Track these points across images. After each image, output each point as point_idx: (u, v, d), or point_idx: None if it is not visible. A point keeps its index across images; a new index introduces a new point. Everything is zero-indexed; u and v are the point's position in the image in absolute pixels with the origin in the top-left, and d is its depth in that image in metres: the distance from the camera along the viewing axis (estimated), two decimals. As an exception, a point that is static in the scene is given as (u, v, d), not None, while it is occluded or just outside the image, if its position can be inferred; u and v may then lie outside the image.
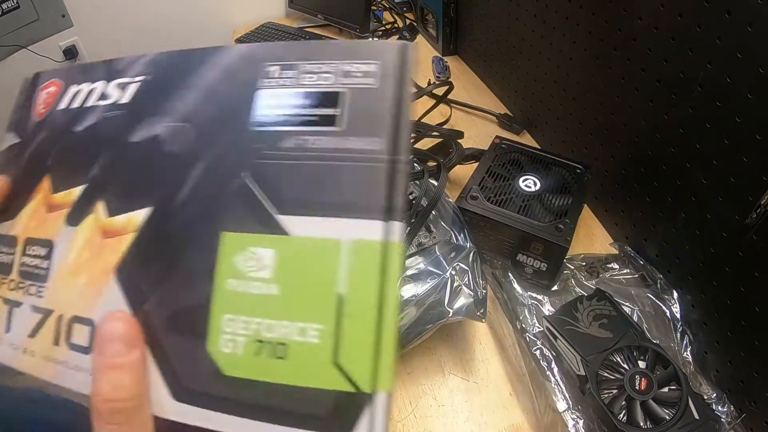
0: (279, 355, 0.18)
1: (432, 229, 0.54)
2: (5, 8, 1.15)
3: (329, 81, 0.20)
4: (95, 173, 0.22)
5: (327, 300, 0.18)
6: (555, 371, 0.50)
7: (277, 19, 1.44)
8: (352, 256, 0.18)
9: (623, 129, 0.60)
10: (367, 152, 0.19)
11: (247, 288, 0.18)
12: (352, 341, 0.17)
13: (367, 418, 0.17)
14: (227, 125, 0.20)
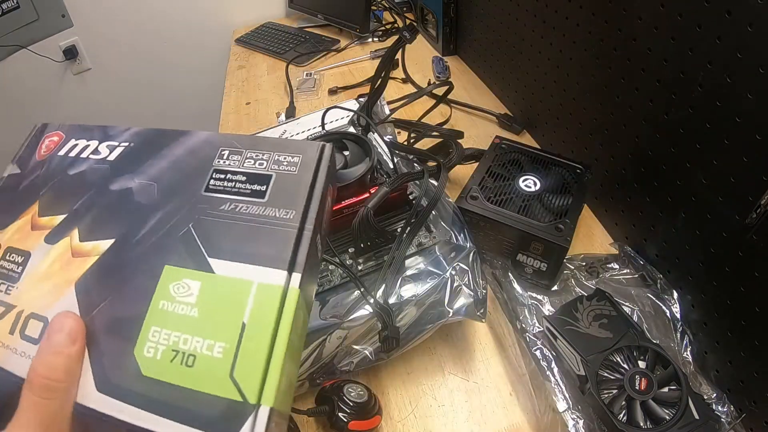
0: (188, 364, 0.22)
1: (432, 229, 0.54)
2: (5, 8, 1.15)
3: (263, 166, 0.27)
4: (77, 207, 0.28)
5: (233, 325, 0.22)
6: (555, 371, 0.50)
7: (277, 19, 1.44)
8: (259, 294, 0.23)
9: (623, 129, 0.60)
10: (282, 219, 0.25)
11: (174, 308, 0.23)
12: (247, 361, 0.21)
13: (250, 425, 0.20)
14: (184, 188, 0.27)
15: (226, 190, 0.26)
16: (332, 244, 0.49)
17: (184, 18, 1.39)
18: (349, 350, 0.50)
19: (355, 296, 0.49)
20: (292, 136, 0.65)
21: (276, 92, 1.11)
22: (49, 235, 0.27)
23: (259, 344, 0.22)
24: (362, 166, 0.53)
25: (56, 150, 0.30)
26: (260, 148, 0.28)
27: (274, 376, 0.21)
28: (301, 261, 0.24)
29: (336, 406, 0.47)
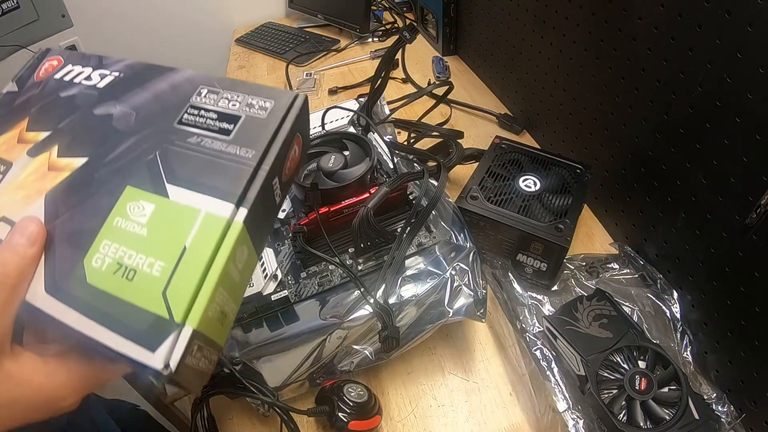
0: (129, 278, 0.24)
1: (432, 229, 0.54)
2: (5, 8, 1.15)
3: (236, 107, 0.28)
4: (61, 126, 0.30)
5: (175, 248, 0.24)
6: (555, 371, 0.50)
7: (277, 19, 1.44)
8: (204, 223, 0.24)
9: (623, 129, 0.60)
10: (241, 158, 0.26)
11: (126, 226, 0.25)
12: (180, 282, 0.23)
13: (171, 341, 0.22)
14: (159, 119, 0.29)
15: (197, 124, 0.28)
16: (332, 244, 0.49)
17: (184, 18, 1.39)
18: (349, 350, 0.50)
19: (355, 296, 0.49)
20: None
21: (276, 92, 1.11)
22: (31, 148, 0.29)
23: (194, 268, 0.23)
24: (362, 166, 0.53)
25: (53, 73, 0.33)
26: (237, 90, 0.29)
27: (202, 301, 0.23)
28: (250, 197, 0.25)
29: (336, 406, 0.47)
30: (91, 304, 0.23)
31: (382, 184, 0.50)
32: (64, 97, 0.31)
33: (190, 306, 0.23)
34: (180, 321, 0.22)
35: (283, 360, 0.47)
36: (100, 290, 0.24)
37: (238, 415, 0.54)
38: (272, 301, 0.48)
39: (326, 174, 0.53)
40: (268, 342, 0.46)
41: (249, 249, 0.26)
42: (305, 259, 0.52)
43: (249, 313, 0.48)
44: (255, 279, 0.50)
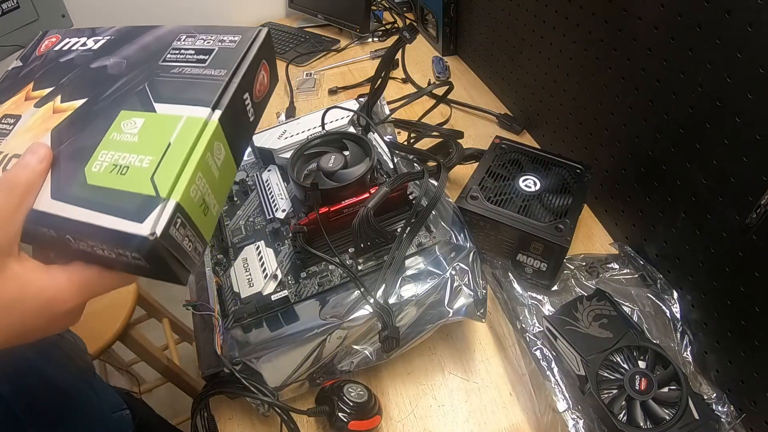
0: (122, 173, 0.28)
1: (432, 229, 0.54)
2: (5, 8, 1.14)
3: (210, 43, 0.34)
4: (62, 82, 0.35)
5: (161, 144, 0.28)
6: (555, 371, 0.50)
7: (277, 19, 1.44)
8: (186, 124, 0.29)
9: (623, 129, 0.60)
10: (215, 76, 0.32)
11: (121, 138, 0.29)
12: (165, 168, 0.27)
13: (157, 212, 0.26)
14: (147, 61, 0.34)
15: (178, 60, 0.34)
16: (332, 244, 0.49)
17: (184, 18, 1.39)
18: (349, 350, 0.50)
19: (355, 296, 0.49)
20: (292, 135, 0.65)
21: (276, 92, 1.10)
22: (38, 102, 0.34)
23: (178, 155, 0.28)
24: (362, 166, 0.53)
25: (53, 47, 0.38)
26: (211, 33, 0.35)
27: (184, 180, 0.27)
28: (224, 103, 0.30)
29: (336, 406, 0.47)
30: (90, 199, 0.27)
31: (382, 184, 0.50)
32: (63, 62, 0.36)
33: (174, 184, 0.27)
34: (165, 196, 0.26)
35: (283, 360, 0.47)
36: (98, 187, 0.28)
37: (238, 415, 0.54)
38: (272, 301, 0.48)
39: (326, 174, 0.53)
40: (268, 342, 0.46)
41: (225, 149, 0.31)
42: (305, 259, 0.52)
43: (249, 313, 0.48)
44: (255, 279, 0.50)
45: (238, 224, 0.59)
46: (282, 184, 0.61)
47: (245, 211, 0.60)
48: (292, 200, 0.58)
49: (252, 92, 0.34)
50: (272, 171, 0.64)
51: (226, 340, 0.47)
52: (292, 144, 0.64)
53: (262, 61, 0.35)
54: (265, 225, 0.58)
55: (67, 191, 0.28)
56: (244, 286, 0.49)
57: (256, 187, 0.63)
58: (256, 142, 0.65)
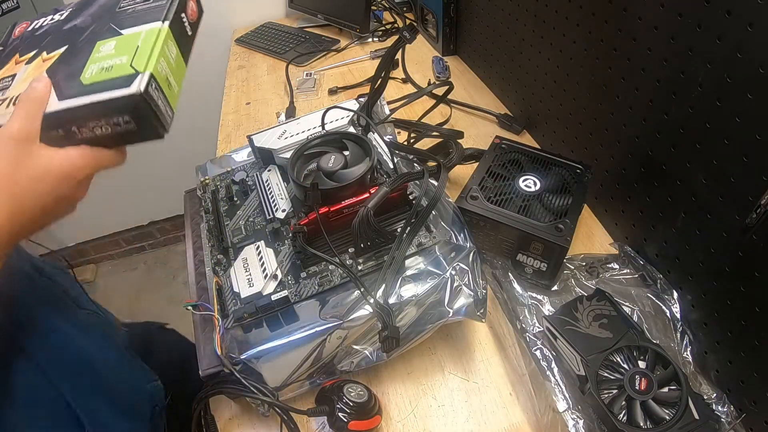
0: (108, 70, 0.38)
1: (432, 229, 0.54)
2: (5, 8, 1.14)
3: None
4: (43, 44, 0.44)
5: (132, 48, 0.39)
6: (555, 371, 0.50)
7: (277, 19, 1.44)
8: (146, 33, 0.40)
9: (623, 129, 0.60)
10: (159, 4, 0.42)
11: (101, 55, 0.40)
12: (139, 57, 0.38)
13: (139, 79, 0.37)
14: (107, 12, 0.44)
15: (129, 4, 0.44)
16: (332, 244, 0.49)
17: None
18: (349, 350, 0.50)
19: (355, 296, 0.49)
20: (292, 135, 0.65)
21: (276, 92, 1.11)
22: (27, 62, 0.43)
23: (145, 50, 0.39)
24: (362, 166, 0.53)
25: (26, 29, 0.48)
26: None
27: (153, 61, 0.38)
28: (169, 17, 0.41)
29: (336, 406, 0.47)
30: (88, 89, 0.37)
31: (382, 184, 0.50)
32: (39, 34, 0.46)
33: (146, 63, 0.38)
34: (142, 70, 0.37)
35: (283, 360, 0.47)
36: (92, 82, 0.38)
37: (238, 415, 0.54)
38: (272, 301, 0.48)
39: (326, 174, 0.53)
40: (268, 342, 0.46)
41: (176, 48, 0.43)
42: (305, 259, 0.52)
43: (249, 313, 0.48)
44: (255, 279, 0.50)
45: (238, 224, 0.59)
46: (282, 184, 0.61)
47: (245, 211, 0.60)
48: (292, 200, 0.58)
49: (186, 13, 0.45)
50: (272, 171, 0.64)
51: (226, 340, 0.47)
52: (292, 144, 0.64)
53: None
54: (265, 225, 0.58)
55: (69, 92, 0.38)
56: (244, 286, 0.49)
57: (256, 187, 0.63)
58: (256, 142, 0.65)
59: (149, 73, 0.37)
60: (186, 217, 0.65)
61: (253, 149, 0.67)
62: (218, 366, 0.47)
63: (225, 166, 0.70)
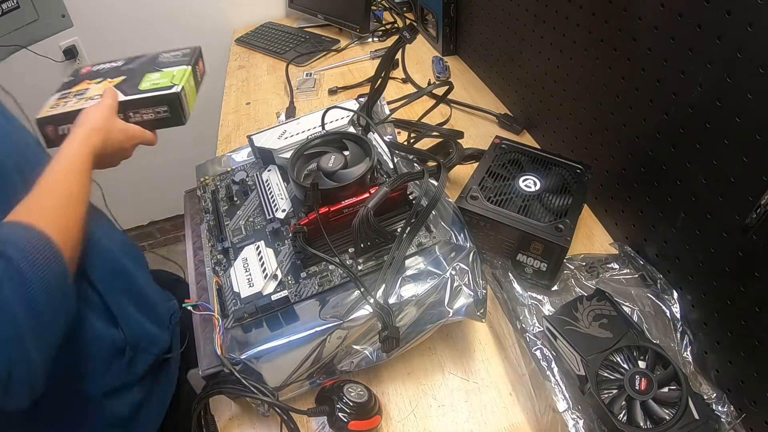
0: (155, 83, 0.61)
1: (432, 229, 0.54)
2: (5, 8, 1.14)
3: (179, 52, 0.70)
4: (107, 75, 0.64)
5: (170, 75, 0.63)
6: (555, 371, 0.50)
7: (277, 19, 1.44)
8: (179, 70, 0.64)
9: (623, 129, 0.60)
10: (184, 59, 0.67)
11: (150, 78, 0.62)
12: (175, 79, 0.61)
13: (176, 87, 0.60)
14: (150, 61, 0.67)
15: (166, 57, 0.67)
16: (332, 244, 0.49)
17: (184, 18, 1.38)
18: (349, 350, 0.50)
19: (355, 296, 0.49)
20: (292, 135, 0.65)
21: (276, 92, 1.11)
22: (95, 83, 0.63)
23: (179, 76, 0.62)
24: (362, 166, 0.53)
25: (90, 69, 0.68)
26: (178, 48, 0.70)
27: (183, 81, 0.61)
28: (191, 63, 0.65)
29: (336, 406, 0.47)
30: (142, 92, 0.60)
31: (382, 184, 0.50)
32: (101, 71, 0.66)
33: (180, 81, 0.61)
34: (178, 83, 0.60)
35: (283, 360, 0.47)
36: (145, 88, 0.60)
37: (238, 415, 0.54)
38: (272, 301, 0.48)
39: (326, 174, 0.53)
40: (268, 342, 0.46)
41: (194, 80, 0.66)
42: (305, 259, 0.52)
43: (249, 313, 0.48)
44: (255, 279, 0.50)
45: (238, 224, 0.59)
46: (282, 184, 0.61)
47: (245, 211, 0.60)
48: (292, 200, 0.58)
49: (198, 68, 0.68)
50: (272, 171, 0.64)
51: (226, 340, 0.47)
52: (292, 144, 0.64)
53: (200, 58, 0.70)
54: (265, 225, 0.58)
55: (130, 92, 0.60)
56: (244, 286, 0.49)
57: (256, 187, 0.63)
58: (256, 142, 0.65)
59: (182, 86, 0.60)
60: (186, 217, 0.65)
61: (253, 149, 0.67)
62: (218, 366, 0.47)
63: (225, 166, 0.70)
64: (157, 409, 0.61)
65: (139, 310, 0.59)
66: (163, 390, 0.63)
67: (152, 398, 0.60)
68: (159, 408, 0.61)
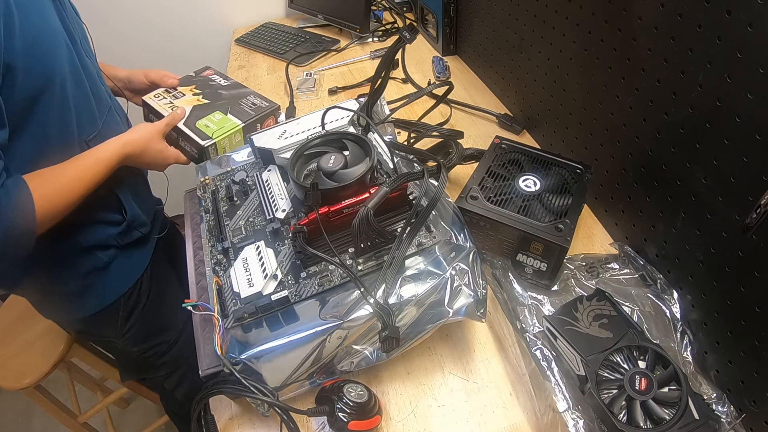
0: (206, 126, 0.79)
1: (432, 229, 0.54)
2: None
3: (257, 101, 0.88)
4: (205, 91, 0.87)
5: (222, 124, 0.79)
6: (555, 371, 0.50)
7: (277, 19, 1.44)
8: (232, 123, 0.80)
9: (623, 129, 0.60)
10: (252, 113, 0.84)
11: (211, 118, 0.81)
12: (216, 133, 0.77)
13: (207, 141, 0.76)
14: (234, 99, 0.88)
15: (245, 103, 0.85)
16: (332, 244, 0.49)
17: (184, 18, 1.39)
18: (349, 350, 0.50)
19: (355, 296, 0.49)
20: (292, 135, 0.65)
21: (276, 92, 1.11)
22: (192, 93, 0.85)
23: (222, 130, 0.78)
24: (362, 166, 0.53)
25: (209, 76, 0.91)
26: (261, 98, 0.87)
27: (219, 137, 0.77)
28: (246, 122, 0.81)
29: (336, 406, 0.47)
30: (193, 130, 0.77)
31: (382, 184, 0.50)
32: (209, 83, 0.88)
33: (216, 137, 0.76)
34: (213, 139, 0.76)
35: (283, 360, 0.47)
36: (197, 126, 0.78)
37: (238, 415, 0.54)
38: (272, 301, 0.48)
39: (326, 174, 0.53)
40: (268, 342, 0.46)
41: (240, 136, 0.80)
42: (305, 259, 0.52)
43: (249, 313, 0.48)
44: (255, 279, 0.50)
45: (238, 224, 0.59)
46: (282, 184, 0.61)
47: (245, 211, 0.60)
48: (292, 200, 0.58)
49: (260, 125, 0.83)
50: (272, 171, 0.64)
51: (226, 340, 0.47)
52: (292, 144, 0.64)
53: (273, 115, 0.85)
54: (265, 225, 0.58)
55: (188, 125, 0.77)
56: (244, 286, 0.49)
57: (256, 187, 0.63)
58: (256, 142, 0.65)
59: (215, 142, 0.75)
60: (186, 217, 0.65)
61: (253, 149, 0.67)
62: (218, 366, 0.47)
63: (225, 166, 0.70)
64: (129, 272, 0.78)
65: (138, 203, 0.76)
66: (138, 258, 0.80)
67: (129, 263, 0.77)
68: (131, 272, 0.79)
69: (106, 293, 0.76)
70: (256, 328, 0.48)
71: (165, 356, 0.88)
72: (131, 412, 1.43)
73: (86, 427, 1.17)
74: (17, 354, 0.99)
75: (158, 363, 0.89)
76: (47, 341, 0.99)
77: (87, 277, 0.72)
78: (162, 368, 0.90)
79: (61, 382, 1.24)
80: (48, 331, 1.00)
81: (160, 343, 0.87)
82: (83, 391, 1.30)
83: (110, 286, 0.76)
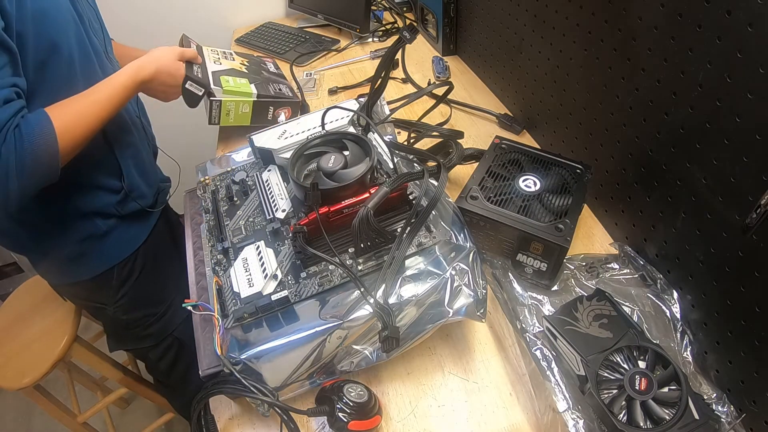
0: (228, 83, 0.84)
1: (432, 229, 0.54)
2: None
3: (283, 82, 0.99)
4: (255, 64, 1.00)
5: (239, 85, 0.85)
6: (555, 371, 0.50)
7: (277, 19, 1.44)
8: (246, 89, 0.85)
9: (623, 129, 0.60)
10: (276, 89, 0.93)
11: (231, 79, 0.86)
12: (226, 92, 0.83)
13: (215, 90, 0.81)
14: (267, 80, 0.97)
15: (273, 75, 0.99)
16: (332, 244, 0.49)
17: (184, 18, 1.39)
18: (349, 350, 0.50)
19: (355, 296, 0.49)
20: (292, 135, 0.65)
21: (276, 92, 1.11)
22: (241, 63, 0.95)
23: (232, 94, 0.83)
24: (362, 166, 0.53)
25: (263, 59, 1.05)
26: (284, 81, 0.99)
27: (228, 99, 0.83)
28: (260, 97, 0.86)
29: (336, 406, 0.47)
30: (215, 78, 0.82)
31: (382, 184, 0.50)
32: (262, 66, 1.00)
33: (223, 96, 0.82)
34: (220, 97, 0.82)
35: (283, 360, 0.47)
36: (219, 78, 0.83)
37: (238, 415, 0.54)
38: (272, 301, 0.48)
39: (326, 174, 0.53)
40: (268, 342, 0.46)
41: (249, 109, 0.86)
42: (305, 259, 0.52)
43: (249, 313, 0.48)
44: (255, 279, 0.50)
45: (238, 224, 0.59)
46: (282, 184, 0.61)
47: (245, 211, 0.60)
48: (292, 200, 0.58)
49: (272, 112, 0.88)
50: (272, 171, 0.64)
51: (226, 340, 0.47)
52: (292, 144, 0.64)
53: (290, 107, 0.90)
54: (265, 225, 0.58)
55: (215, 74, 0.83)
56: (244, 286, 0.49)
57: (256, 187, 0.63)
58: (256, 142, 0.65)
59: (221, 100, 0.82)
60: (186, 217, 0.65)
61: (253, 149, 0.67)
62: (218, 366, 0.47)
63: (225, 166, 0.70)
64: (126, 243, 0.80)
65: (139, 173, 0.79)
66: (138, 230, 0.82)
67: (127, 234, 0.79)
68: (128, 243, 0.81)
69: (102, 261, 0.78)
70: (256, 328, 0.48)
71: (151, 327, 0.90)
72: (131, 412, 1.43)
73: (86, 427, 1.17)
74: (17, 354, 0.98)
75: (144, 333, 0.91)
76: (47, 341, 0.99)
77: (83, 243, 0.74)
78: (148, 339, 0.92)
79: (60, 382, 1.24)
80: (48, 331, 1.00)
81: (148, 314, 0.89)
82: (83, 391, 1.30)
83: (106, 255, 0.78)
